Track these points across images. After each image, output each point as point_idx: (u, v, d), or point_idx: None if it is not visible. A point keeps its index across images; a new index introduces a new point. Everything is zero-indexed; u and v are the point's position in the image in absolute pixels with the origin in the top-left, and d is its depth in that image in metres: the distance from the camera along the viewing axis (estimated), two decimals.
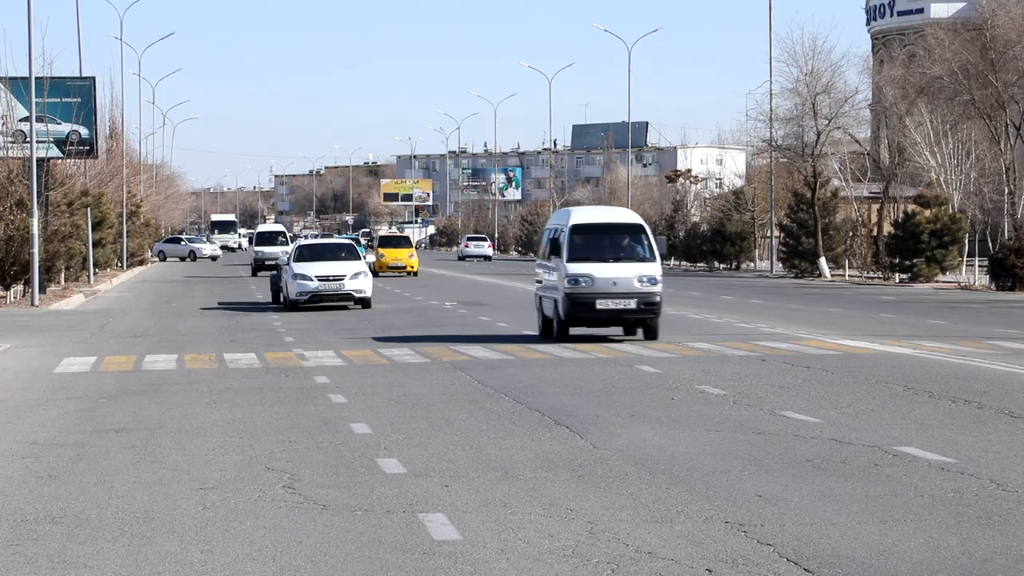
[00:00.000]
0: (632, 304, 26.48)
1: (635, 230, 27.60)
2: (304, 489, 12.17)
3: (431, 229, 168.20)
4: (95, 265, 61.62)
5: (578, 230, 27.24)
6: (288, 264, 40.99)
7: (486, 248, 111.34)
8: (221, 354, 25.85)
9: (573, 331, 27.70)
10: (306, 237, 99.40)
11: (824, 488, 11.88)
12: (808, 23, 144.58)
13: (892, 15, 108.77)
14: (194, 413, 17.50)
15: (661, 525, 10.56)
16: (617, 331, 28.11)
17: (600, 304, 26.44)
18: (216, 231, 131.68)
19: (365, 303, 39.95)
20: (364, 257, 44.12)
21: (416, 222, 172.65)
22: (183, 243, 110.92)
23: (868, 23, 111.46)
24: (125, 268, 76.54)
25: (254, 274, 68.41)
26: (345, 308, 39.89)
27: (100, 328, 34.16)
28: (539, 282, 28.83)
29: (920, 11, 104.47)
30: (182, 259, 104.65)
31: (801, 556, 9.54)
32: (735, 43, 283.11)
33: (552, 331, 27.63)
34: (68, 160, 56.74)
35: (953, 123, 67.06)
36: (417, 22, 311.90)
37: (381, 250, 68.24)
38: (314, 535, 10.42)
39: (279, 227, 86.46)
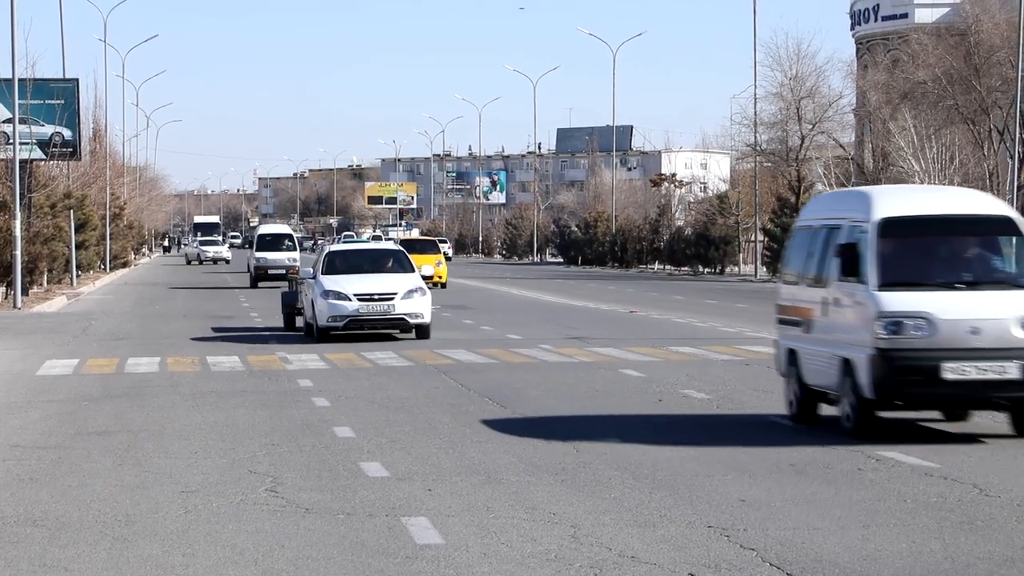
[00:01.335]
0: (1016, 372, 14.33)
1: (999, 227, 15.28)
2: (287, 492, 12.14)
3: (415, 232, 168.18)
4: (78, 267, 61.46)
5: (894, 228, 15.03)
6: (315, 278, 29.70)
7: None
8: (204, 357, 25.78)
9: None
10: (329, 241, 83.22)
11: (807, 493, 11.88)
12: (793, 28, 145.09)
13: (876, 20, 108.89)
14: (176, 416, 17.46)
15: (644, 529, 10.55)
16: None
17: (950, 371, 14.31)
18: (199, 233, 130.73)
19: (422, 331, 29.10)
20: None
21: (400, 225, 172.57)
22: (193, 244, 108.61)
23: (852, 28, 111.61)
24: (108, 270, 76.36)
25: (254, 285, 57.72)
26: (391, 337, 29.54)
27: (83, 330, 34.07)
28: (791, 321, 16.68)
29: (904, 16, 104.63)
30: (190, 262, 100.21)
31: (784, 561, 9.53)
32: (720, 47, 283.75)
33: (815, 409, 16.24)
34: (51, 162, 56.50)
35: (937, 128, 67.17)
36: (401, 25, 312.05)
37: None
38: (296, 539, 10.39)
39: (285, 228, 70.37)
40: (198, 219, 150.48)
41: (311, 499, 11.83)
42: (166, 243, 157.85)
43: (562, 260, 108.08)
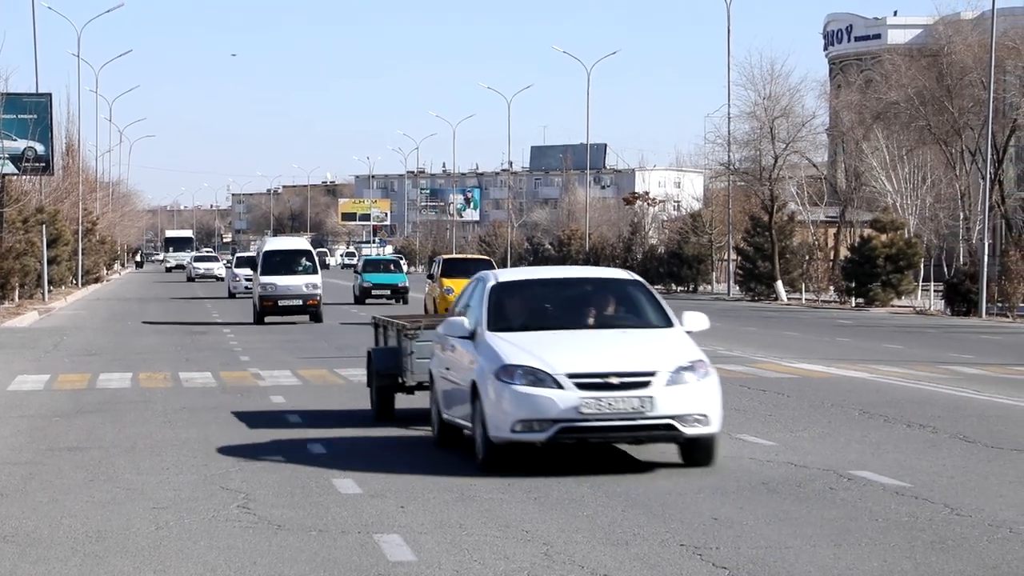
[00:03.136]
0: None
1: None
2: (259, 509, 12.11)
3: (388, 249, 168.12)
4: (50, 282, 61.24)
5: None
6: (471, 337, 14.72)
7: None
8: (176, 373, 25.70)
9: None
10: (348, 255, 71.40)
11: (780, 511, 11.90)
12: (766, 47, 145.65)
13: (850, 40, 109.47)
14: (148, 432, 17.40)
15: (617, 548, 10.55)
16: None
17: None
18: (171, 248, 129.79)
19: (705, 451, 14.29)
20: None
21: (374, 242, 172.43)
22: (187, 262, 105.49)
23: (826, 48, 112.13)
24: (80, 285, 76.11)
25: (259, 320, 42.75)
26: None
27: (54, 346, 33.94)
28: None
29: (877, 36, 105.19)
30: (189, 279, 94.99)
31: None
32: (694, 67, 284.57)
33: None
34: (23, 177, 56.37)
35: (909, 148, 67.50)
36: (375, 42, 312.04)
37: (448, 281, 41.29)
38: (268, 555, 10.36)
39: (301, 242, 50.96)
40: (170, 233, 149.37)
41: (283, 516, 11.80)
42: (139, 258, 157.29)
43: None
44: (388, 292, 57.58)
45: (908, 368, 26.08)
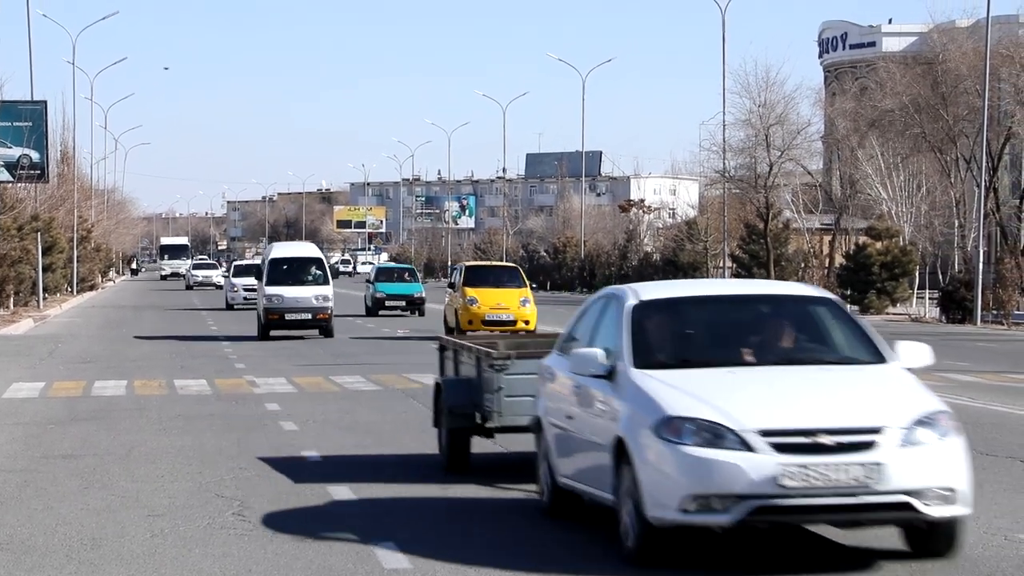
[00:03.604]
0: None
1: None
2: (254, 517, 12.10)
3: (384, 257, 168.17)
4: (45, 290, 61.19)
5: None
6: (610, 378, 10.89)
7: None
8: (171, 380, 25.69)
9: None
10: (344, 263, 62.64)
11: None
12: (761, 55, 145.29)
13: (844, 48, 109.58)
14: (143, 440, 17.39)
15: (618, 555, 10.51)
16: None
17: None
18: (166, 256, 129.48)
19: (947, 540, 10.33)
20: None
21: (369, 249, 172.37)
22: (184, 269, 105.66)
23: (820, 56, 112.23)
24: (75, 293, 76.06)
25: (264, 335, 38.88)
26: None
27: (49, 353, 33.90)
28: None
29: (872, 44, 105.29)
30: (188, 287, 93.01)
31: None
32: (689, 74, 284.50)
33: None
34: (18, 184, 56.34)
35: (904, 156, 67.55)
36: (370, 50, 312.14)
37: (472, 291, 38.81)
38: (264, 563, 10.35)
39: (311, 249, 43.74)
40: (165, 240, 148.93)
41: (278, 523, 11.79)
42: (134, 266, 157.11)
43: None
44: (403, 304, 52.81)
45: None
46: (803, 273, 69.07)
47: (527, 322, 37.96)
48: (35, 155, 54.10)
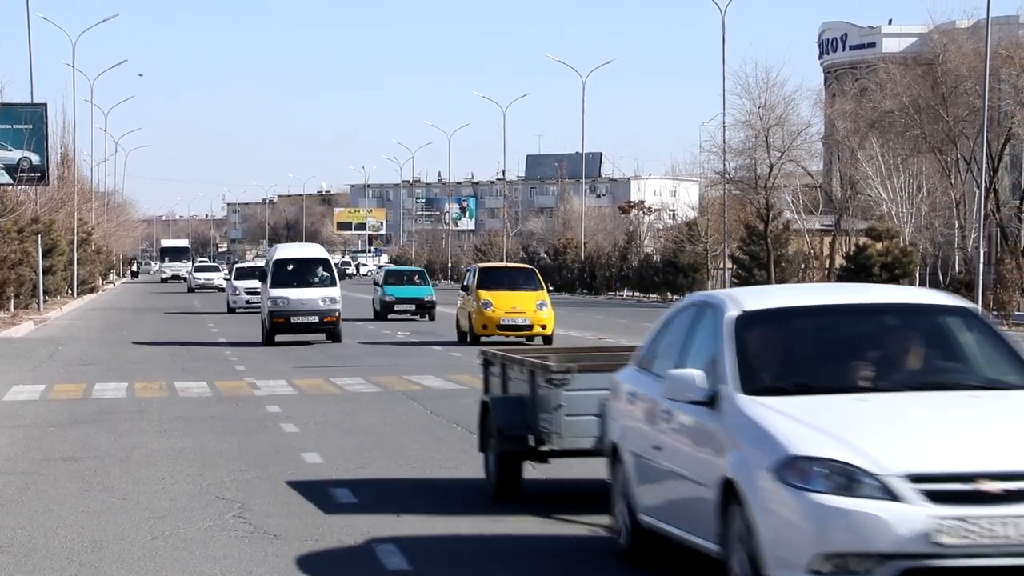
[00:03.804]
0: None
1: None
2: (255, 519, 12.09)
3: (384, 258, 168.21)
4: (45, 292, 61.19)
5: None
6: (713, 405, 9.09)
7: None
8: (172, 383, 25.68)
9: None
10: (344, 264, 60.35)
11: None
12: (761, 56, 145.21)
13: (844, 49, 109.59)
14: (144, 442, 17.38)
15: (619, 559, 10.52)
16: None
17: None
18: (167, 259, 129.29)
19: None
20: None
21: (369, 251, 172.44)
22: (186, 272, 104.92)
23: (820, 57, 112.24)
24: (76, 295, 76.07)
25: (268, 340, 37.04)
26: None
27: (49, 356, 33.89)
28: None
29: (872, 45, 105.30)
30: (190, 289, 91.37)
31: None
32: (689, 75, 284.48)
33: None
34: (19, 187, 56.34)
35: (904, 157, 67.58)
36: (370, 50, 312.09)
37: (486, 294, 37.02)
38: (265, 565, 10.35)
39: (317, 250, 42.33)
40: (165, 243, 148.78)
41: (279, 525, 11.79)
42: (135, 268, 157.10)
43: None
44: (413, 307, 51.27)
45: None
46: (803, 274, 69.07)
47: (544, 327, 36.39)
48: (35, 158, 54.07)
